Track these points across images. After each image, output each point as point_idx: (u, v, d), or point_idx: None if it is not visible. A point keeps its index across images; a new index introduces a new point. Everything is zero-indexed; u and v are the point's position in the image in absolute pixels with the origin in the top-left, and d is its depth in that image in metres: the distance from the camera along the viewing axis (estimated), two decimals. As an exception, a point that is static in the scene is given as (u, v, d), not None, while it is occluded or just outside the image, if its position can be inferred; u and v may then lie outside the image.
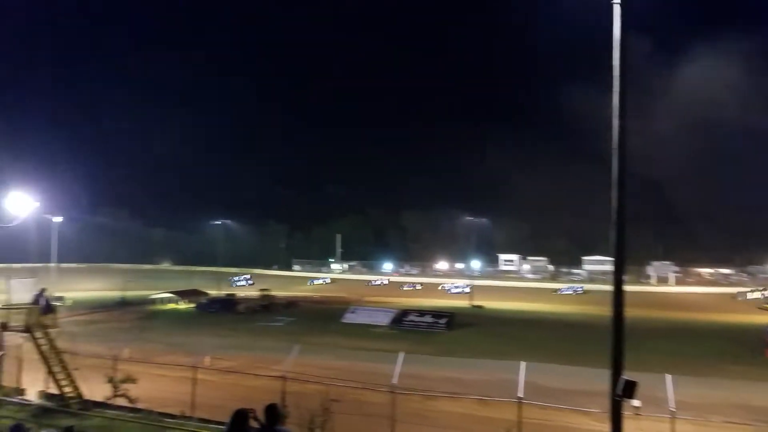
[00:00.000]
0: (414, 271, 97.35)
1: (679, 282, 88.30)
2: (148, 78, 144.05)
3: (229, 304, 54.23)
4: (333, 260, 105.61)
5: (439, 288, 78.93)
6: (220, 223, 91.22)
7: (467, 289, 76.08)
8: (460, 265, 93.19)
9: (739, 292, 72.45)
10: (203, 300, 56.99)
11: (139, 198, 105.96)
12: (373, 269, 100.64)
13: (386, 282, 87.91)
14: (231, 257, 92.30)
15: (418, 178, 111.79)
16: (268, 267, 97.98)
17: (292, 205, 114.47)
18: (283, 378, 16.44)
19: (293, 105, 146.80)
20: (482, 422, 16.42)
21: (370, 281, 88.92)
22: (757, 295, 69.23)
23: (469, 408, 17.89)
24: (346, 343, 32.80)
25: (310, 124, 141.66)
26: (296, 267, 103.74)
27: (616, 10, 8.66)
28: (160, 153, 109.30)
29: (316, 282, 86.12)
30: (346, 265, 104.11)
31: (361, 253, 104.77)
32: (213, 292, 63.65)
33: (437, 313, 43.34)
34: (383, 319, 42.09)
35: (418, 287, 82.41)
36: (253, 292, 62.61)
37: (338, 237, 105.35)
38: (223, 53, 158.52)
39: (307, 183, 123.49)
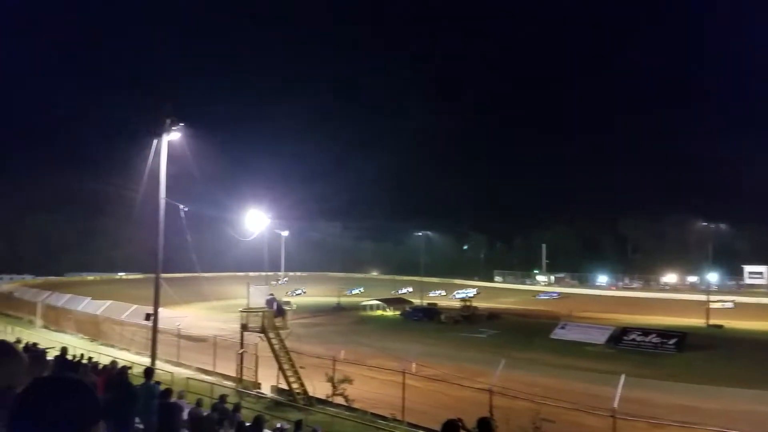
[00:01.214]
0: (635, 285, 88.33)
1: None
2: (360, 96, 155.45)
3: (431, 312, 55.45)
4: (538, 271, 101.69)
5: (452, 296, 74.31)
6: (422, 234, 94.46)
7: (471, 293, 72.40)
8: (692, 278, 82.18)
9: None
10: (407, 308, 59.25)
11: (350, 213, 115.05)
12: (584, 282, 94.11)
13: (410, 290, 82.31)
14: (433, 267, 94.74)
15: (639, 180, 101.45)
16: (469, 278, 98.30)
17: (492, 215, 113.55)
18: (490, 391, 15.98)
19: (493, 110, 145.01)
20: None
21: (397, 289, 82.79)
22: None
23: (706, 441, 15.36)
24: (555, 360, 30.94)
25: (509, 130, 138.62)
26: (497, 278, 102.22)
27: None
28: (368, 169, 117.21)
29: (542, 297, 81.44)
30: (552, 277, 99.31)
31: (571, 265, 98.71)
32: (416, 301, 65.94)
33: (665, 333, 38.51)
34: (599, 337, 38.83)
35: (442, 293, 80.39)
36: (455, 302, 63.25)
37: (543, 247, 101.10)
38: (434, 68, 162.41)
39: (509, 193, 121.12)
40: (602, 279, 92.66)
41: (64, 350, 15.04)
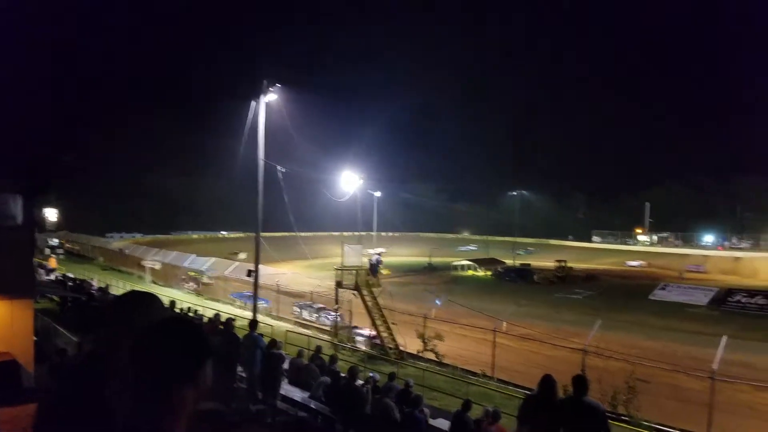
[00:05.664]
0: (743, 245, 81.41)
1: None
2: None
3: (524, 273, 54.64)
4: (641, 231, 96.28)
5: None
6: (516, 194, 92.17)
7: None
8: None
9: None
10: (500, 268, 58.72)
11: (443, 174, 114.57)
12: (689, 242, 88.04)
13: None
14: (527, 228, 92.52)
15: (754, 137, 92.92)
16: (565, 238, 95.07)
17: (596, 174, 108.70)
18: (584, 351, 15.75)
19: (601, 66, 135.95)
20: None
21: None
22: None
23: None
24: (655, 322, 29.74)
25: (619, 86, 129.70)
26: (596, 239, 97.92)
27: None
28: (465, 131, 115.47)
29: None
30: (654, 237, 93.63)
31: (678, 225, 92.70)
32: (509, 262, 65.11)
33: (773, 295, 35.88)
34: (701, 299, 36.91)
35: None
36: (549, 263, 61.78)
37: (647, 205, 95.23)
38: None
39: (616, 147, 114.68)
40: (708, 239, 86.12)
41: (172, 303, 16.59)
